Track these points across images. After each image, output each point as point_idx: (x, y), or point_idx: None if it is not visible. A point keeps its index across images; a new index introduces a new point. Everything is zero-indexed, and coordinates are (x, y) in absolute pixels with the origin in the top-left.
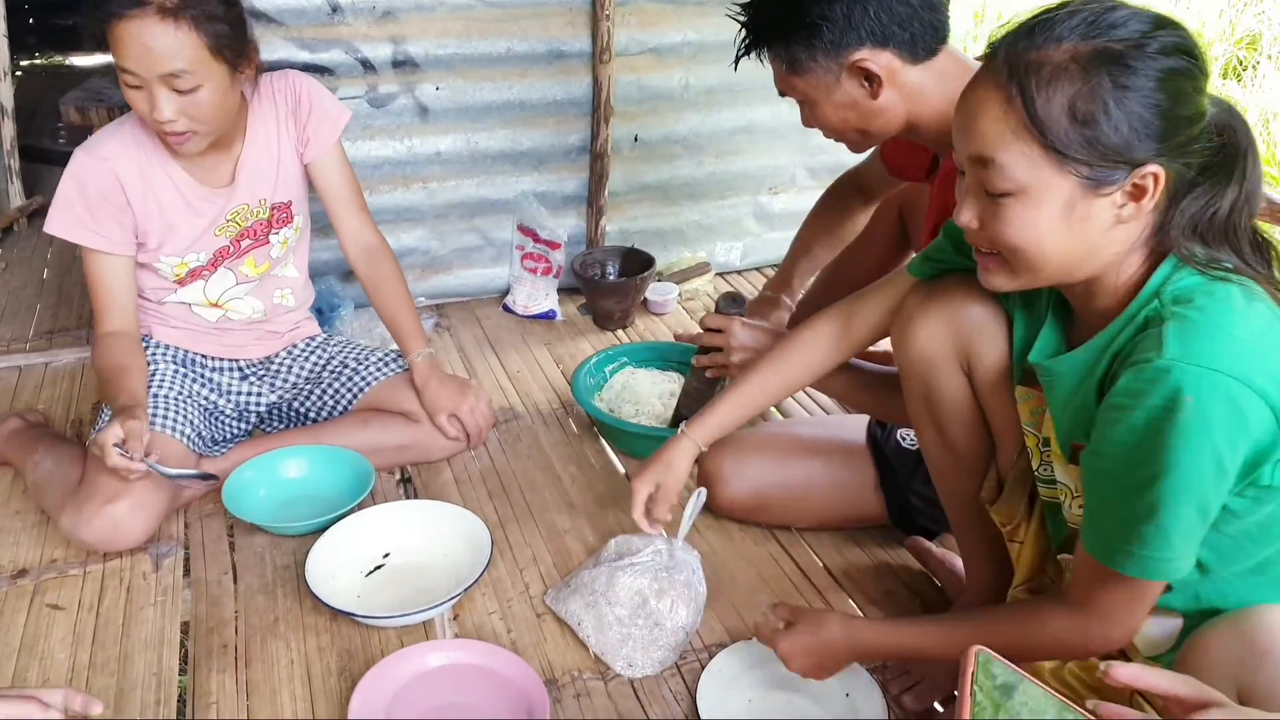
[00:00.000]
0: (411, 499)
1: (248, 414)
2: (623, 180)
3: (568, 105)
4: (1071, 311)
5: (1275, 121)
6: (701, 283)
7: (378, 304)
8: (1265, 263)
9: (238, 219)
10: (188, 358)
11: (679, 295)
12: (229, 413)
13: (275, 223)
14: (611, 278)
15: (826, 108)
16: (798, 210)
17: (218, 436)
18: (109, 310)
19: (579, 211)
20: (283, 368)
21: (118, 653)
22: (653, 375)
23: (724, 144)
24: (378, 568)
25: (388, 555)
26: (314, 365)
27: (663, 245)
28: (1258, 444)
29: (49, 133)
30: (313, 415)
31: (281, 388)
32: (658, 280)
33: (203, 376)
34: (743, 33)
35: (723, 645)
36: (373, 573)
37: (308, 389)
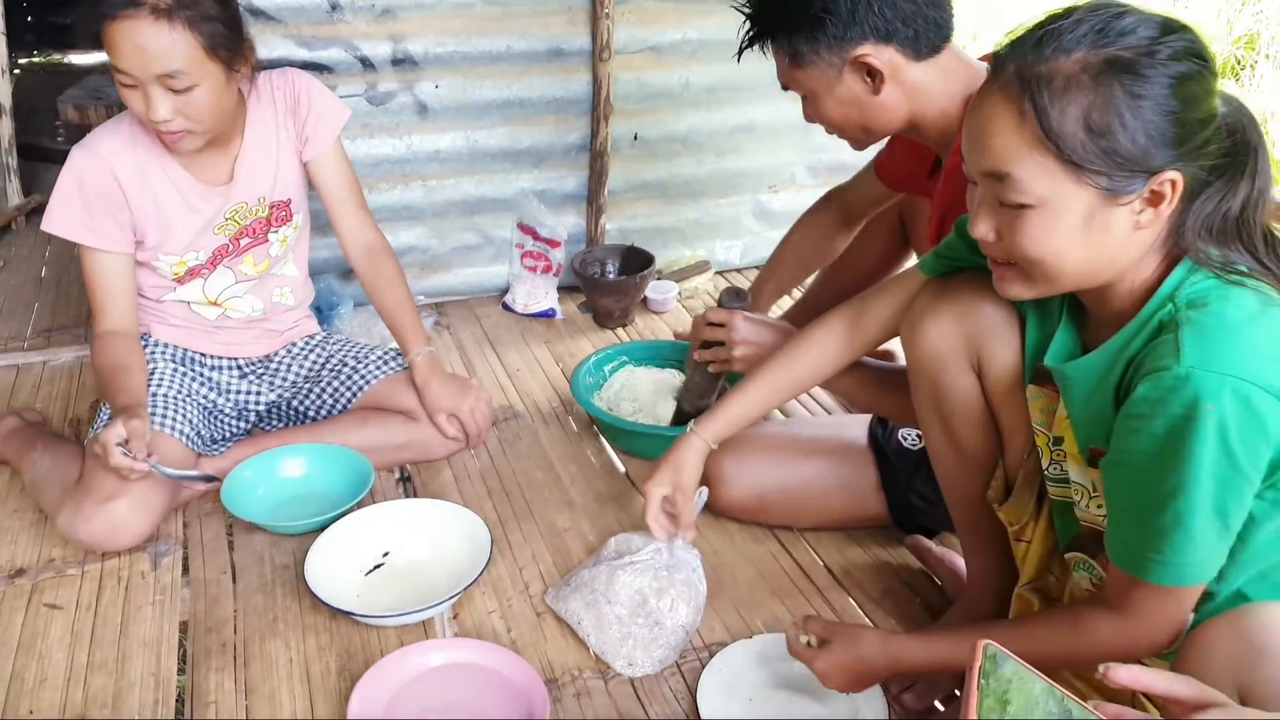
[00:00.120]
0: (411, 498)
1: (247, 412)
2: (622, 178)
3: (567, 103)
4: (1085, 312)
5: (1274, 120)
6: (701, 281)
7: (378, 302)
8: (1279, 262)
9: (236, 217)
10: (187, 356)
11: (679, 293)
12: (228, 411)
13: (274, 221)
14: (611, 276)
15: (828, 103)
16: (797, 208)
17: (217, 435)
18: (107, 309)
19: (579, 210)
20: (282, 366)
21: (116, 652)
22: (652, 373)
23: (724, 142)
24: (377, 567)
25: (387, 554)
26: (313, 364)
27: (662, 243)
28: (1278, 447)
29: (47, 131)
30: (312, 414)
31: (281, 386)
32: (657, 278)
33: (202, 375)
34: (746, 25)
35: (723, 644)
36: (372, 572)
37: (307, 387)
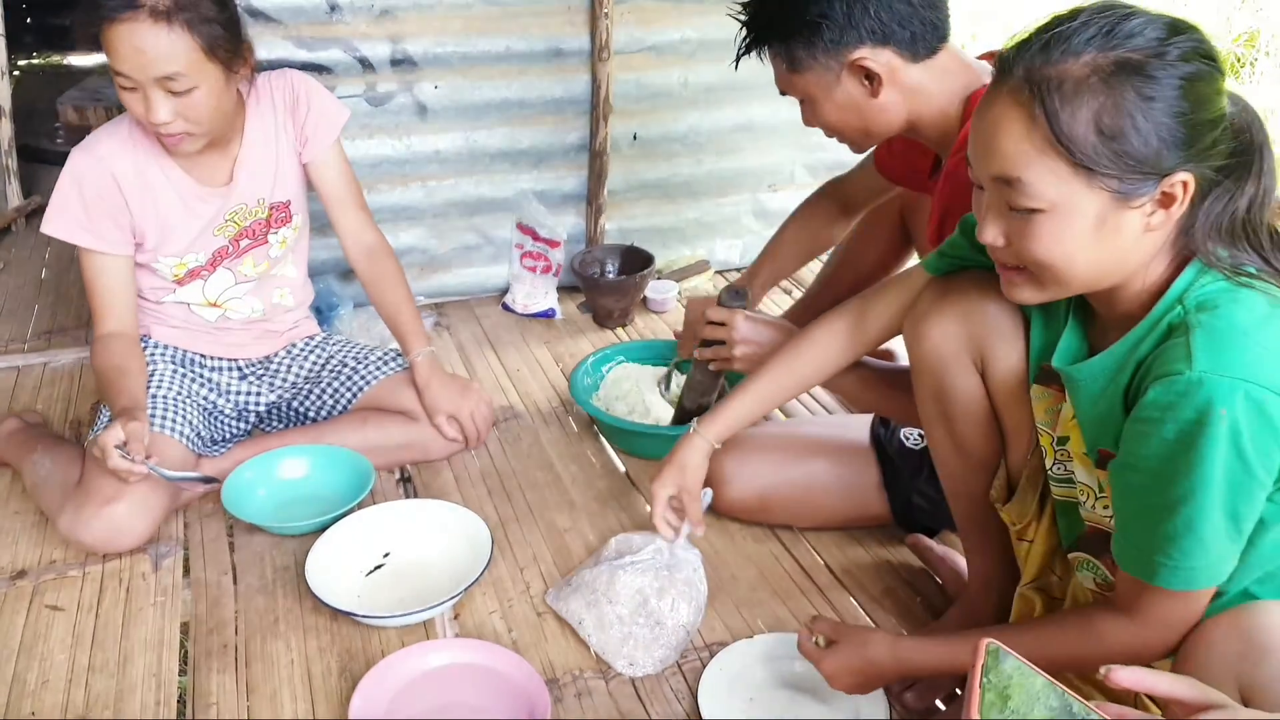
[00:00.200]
0: (411, 498)
1: (247, 414)
2: (622, 178)
3: (567, 103)
4: (1092, 312)
5: (1274, 118)
6: (701, 280)
7: (378, 303)
8: None
9: (236, 219)
10: (187, 357)
11: (678, 293)
12: (228, 412)
13: (274, 222)
14: (611, 276)
15: (827, 106)
16: None
17: (217, 436)
18: (107, 311)
19: (578, 210)
20: (282, 367)
21: (117, 654)
22: (651, 373)
23: (723, 142)
24: (378, 567)
25: (388, 555)
26: (313, 364)
27: (662, 243)
28: None
29: (47, 132)
30: (312, 414)
31: (281, 387)
32: (657, 278)
33: (202, 376)
34: (743, 31)
35: (724, 644)
36: (373, 572)
37: (307, 388)
